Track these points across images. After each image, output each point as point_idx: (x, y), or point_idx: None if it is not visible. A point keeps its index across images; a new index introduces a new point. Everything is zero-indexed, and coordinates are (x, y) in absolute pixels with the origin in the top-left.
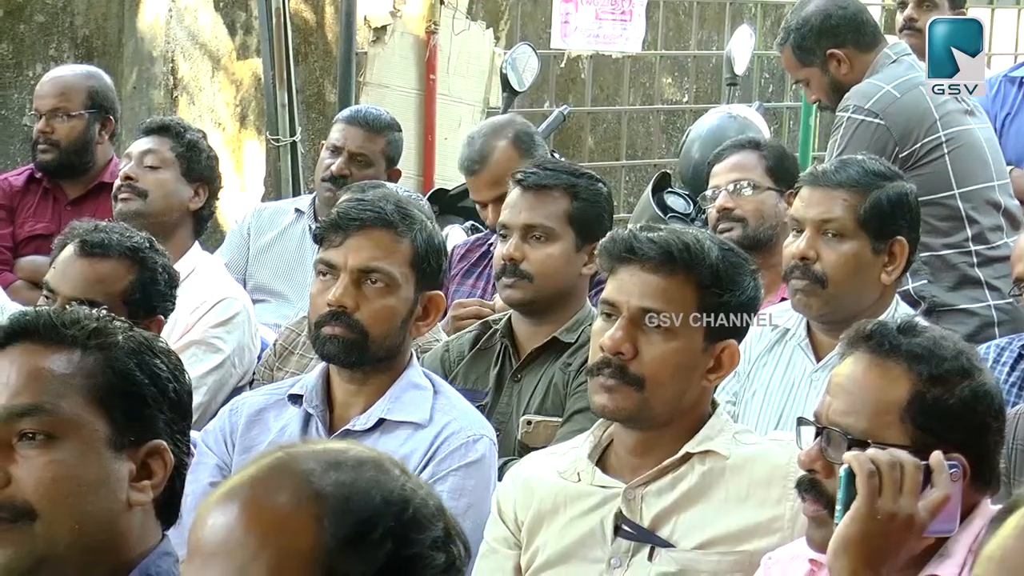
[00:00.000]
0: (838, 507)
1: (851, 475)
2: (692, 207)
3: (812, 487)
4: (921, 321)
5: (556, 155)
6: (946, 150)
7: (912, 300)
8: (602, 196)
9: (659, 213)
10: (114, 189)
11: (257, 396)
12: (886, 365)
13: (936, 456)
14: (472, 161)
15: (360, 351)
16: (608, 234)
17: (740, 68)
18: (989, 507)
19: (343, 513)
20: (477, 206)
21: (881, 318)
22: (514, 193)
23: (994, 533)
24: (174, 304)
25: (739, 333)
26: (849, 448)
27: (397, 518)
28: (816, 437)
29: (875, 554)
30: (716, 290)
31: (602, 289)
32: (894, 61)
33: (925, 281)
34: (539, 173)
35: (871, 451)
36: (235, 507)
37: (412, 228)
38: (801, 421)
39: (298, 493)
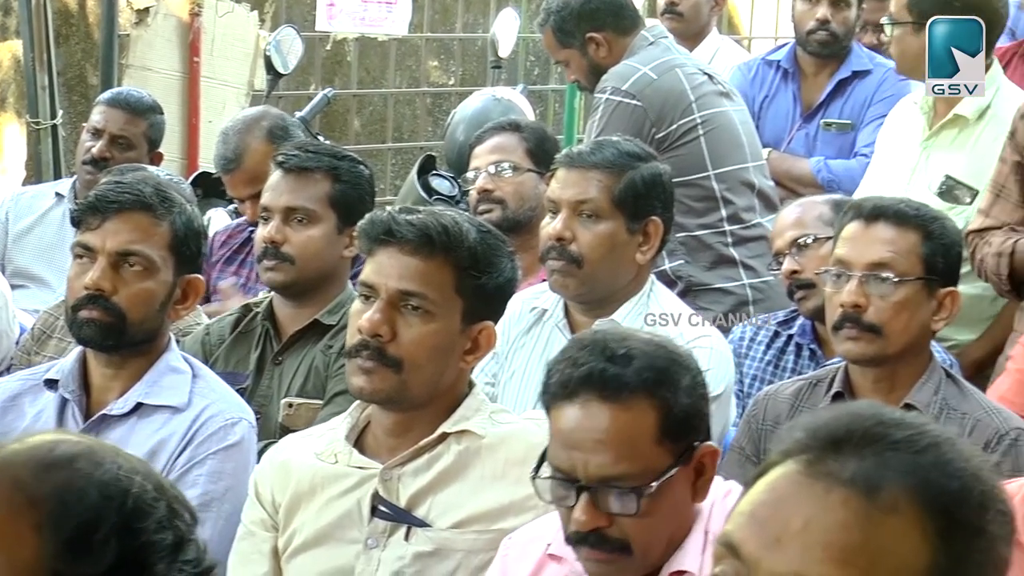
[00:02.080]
0: None
1: None
2: (457, 189)
3: (599, 540)
4: (617, 332)
5: (321, 138)
6: (701, 132)
7: (669, 280)
8: (364, 178)
9: (424, 195)
10: None
11: (11, 382)
12: (628, 405)
13: (709, 446)
14: (227, 160)
15: (117, 335)
16: (366, 216)
17: (504, 51)
18: (720, 486)
19: (62, 517)
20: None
21: (636, 296)
22: (275, 175)
23: (746, 494)
24: None
25: (496, 314)
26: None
27: (118, 512)
28: (580, 495)
29: None
30: (474, 272)
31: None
32: (651, 43)
33: (682, 261)
34: (300, 155)
35: None
36: None
37: (171, 211)
38: (554, 477)
39: (11, 503)
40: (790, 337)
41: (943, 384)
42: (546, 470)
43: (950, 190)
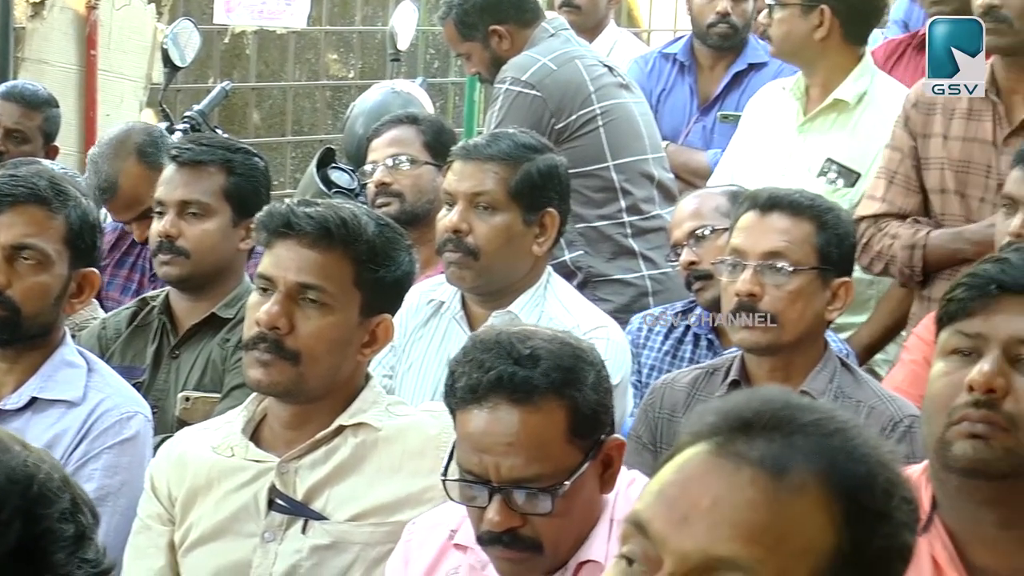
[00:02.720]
0: None
1: None
2: (356, 182)
3: (513, 540)
4: (519, 331)
5: (219, 131)
6: (601, 122)
7: (569, 271)
8: (258, 171)
9: (323, 188)
10: None
11: None
12: (537, 406)
13: (615, 439)
14: (102, 190)
15: (12, 329)
16: (265, 208)
17: (403, 44)
18: (624, 476)
19: None
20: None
21: (533, 288)
22: (169, 169)
23: (656, 475)
24: None
25: (394, 307)
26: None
27: (23, 496)
28: (492, 496)
29: None
30: (372, 265)
31: None
32: (552, 35)
33: (582, 252)
34: (194, 148)
35: None
36: None
37: (66, 204)
38: (465, 479)
39: None
40: (688, 328)
41: (838, 372)
42: (454, 471)
43: (831, 172)
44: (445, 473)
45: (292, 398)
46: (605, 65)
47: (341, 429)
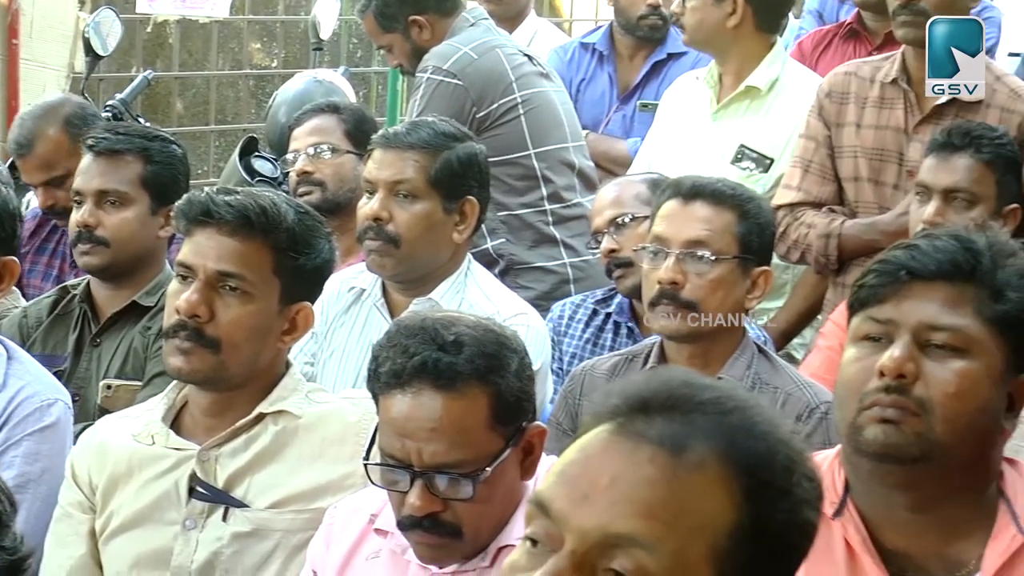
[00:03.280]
0: None
1: None
2: (279, 171)
3: (433, 524)
4: (443, 317)
5: (142, 120)
6: (522, 111)
7: (491, 259)
8: (176, 158)
9: (246, 177)
10: None
11: None
12: (460, 392)
13: (537, 426)
14: (19, 145)
15: None
16: (184, 196)
17: (325, 33)
18: (544, 462)
19: None
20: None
21: (453, 276)
22: (86, 159)
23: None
24: None
25: (314, 295)
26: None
27: None
28: (414, 481)
29: None
30: (292, 253)
31: None
32: (472, 24)
33: (503, 240)
34: (110, 138)
35: None
36: None
37: None
38: (386, 464)
39: None
40: (608, 315)
41: (755, 359)
42: (376, 455)
43: (744, 159)
44: (367, 457)
45: (212, 386)
46: (525, 55)
47: (261, 417)
